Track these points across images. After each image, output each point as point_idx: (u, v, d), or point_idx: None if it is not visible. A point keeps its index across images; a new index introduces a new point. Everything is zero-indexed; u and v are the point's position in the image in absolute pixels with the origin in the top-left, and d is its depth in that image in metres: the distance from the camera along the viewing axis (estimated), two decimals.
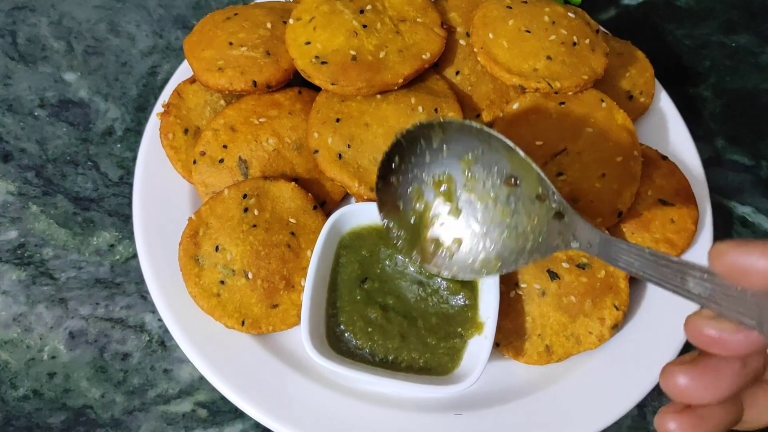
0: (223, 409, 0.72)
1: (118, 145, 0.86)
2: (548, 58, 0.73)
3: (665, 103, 0.85)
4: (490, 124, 0.76)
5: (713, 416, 0.42)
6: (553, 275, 0.69)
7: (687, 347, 0.71)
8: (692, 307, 0.70)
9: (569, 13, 0.77)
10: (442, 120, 0.56)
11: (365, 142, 0.72)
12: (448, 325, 0.68)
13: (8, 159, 0.85)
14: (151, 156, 0.78)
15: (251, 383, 0.67)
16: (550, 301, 0.68)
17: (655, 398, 0.73)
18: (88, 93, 0.90)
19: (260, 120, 0.75)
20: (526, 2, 0.78)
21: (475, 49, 0.76)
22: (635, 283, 0.72)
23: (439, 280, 0.69)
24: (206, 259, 0.70)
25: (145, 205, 0.75)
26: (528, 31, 0.75)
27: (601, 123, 0.73)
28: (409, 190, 0.61)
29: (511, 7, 0.77)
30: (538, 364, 0.69)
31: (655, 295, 0.73)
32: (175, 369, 0.74)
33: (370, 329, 0.67)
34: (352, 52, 0.72)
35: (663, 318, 0.71)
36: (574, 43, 0.75)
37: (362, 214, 0.71)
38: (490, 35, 0.75)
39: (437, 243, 0.60)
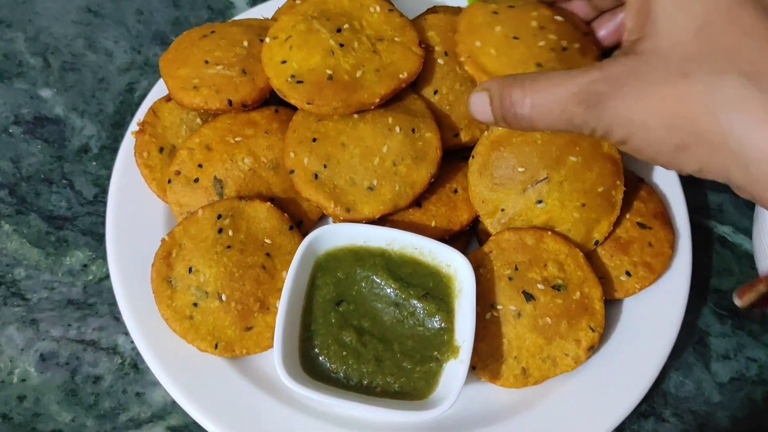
0: None
1: (94, 163, 0.85)
2: (538, 65, 0.71)
3: None
4: (471, 146, 0.75)
5: None
6: (529, 296, 0.68)
7: (664, 369, 0.71)
8: (669, 328, 0.70)
9: (556, 17, 0.75)
10: None
11: (342, 162, 0.72)
12: (424, 348, 0.67)
13: None
14: (126, 175, 0.77)
15: (224, 408, 0.66)
16: (526, 322, 0.68)
17: (634, 421, 0.73)
18: (64, 110, 0.89)
19: (236, 139, 0.74)
20: (512, 6, 0.75)
21: (461, 58, 0.73)
22: (610, 305, 0.72)
23: (415, 302, 0.68)
24: (179, 281, 0.69)
25: (118, 224, 0.74)
26: (516, 38, 0.72)
27: (586, 151, 0.72)
28: None
29: (497, 13, 0.74)
30: (515, 387, 0.68)
31: (630, 317, 0.72)
32: (148, 392, 0.72)
33: (344, 353, 0.66)
34: (329, 72, 0.71)
35: (639, 339, 0.71)
36: (564, 48, 0.72)
37: (338, 235, 0.70)
38: (477, 43, 0.72)
39: None
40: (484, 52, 0.72)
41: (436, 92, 0.77)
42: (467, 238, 0.77)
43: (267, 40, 0.75)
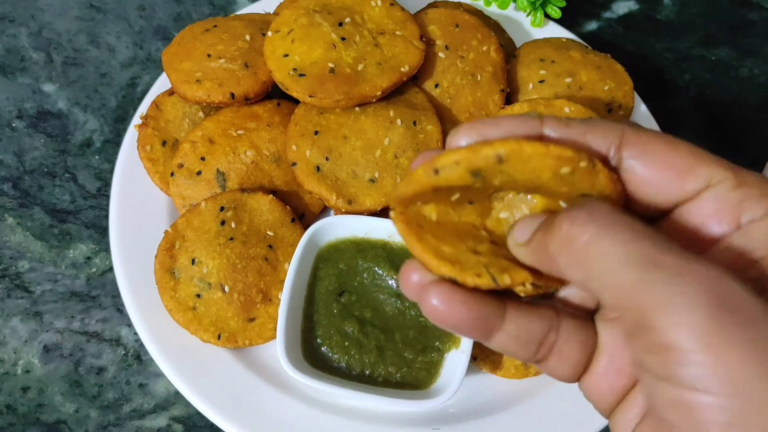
0: (198, 424, 0.71)
1: (96, 157, 0.86)
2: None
3: (645, 116, 0.85)
4: None
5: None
6: None
7: None
8: None
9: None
10: None
11: (343, 154, 0.72)
12: (425, 338, 0.67)
13: None
14: (129, 168, 0.77)
15: (227, 398, 0.67)
16: None
17: None
18: (67, 104, 0.90)
19: (238, 132, 0.75)
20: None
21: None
22: None
23: None
24: (182, 273, 0.69)
25: (121, 217, 0.75)
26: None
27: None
28: None
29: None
30: (516, 378, 0.68)
31: None
32: (151, 383, 0.73)
33: (346, 343, 0.67)
34: (331, 65, 0.72)
35: None
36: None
37: (340, 226, 0.70)
38: None
39: None
40: None
41: (437, 85, 0.77)
42: None
43: (269, 33, 0.75)
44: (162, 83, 0.82)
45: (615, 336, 0.37)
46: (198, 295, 0.69)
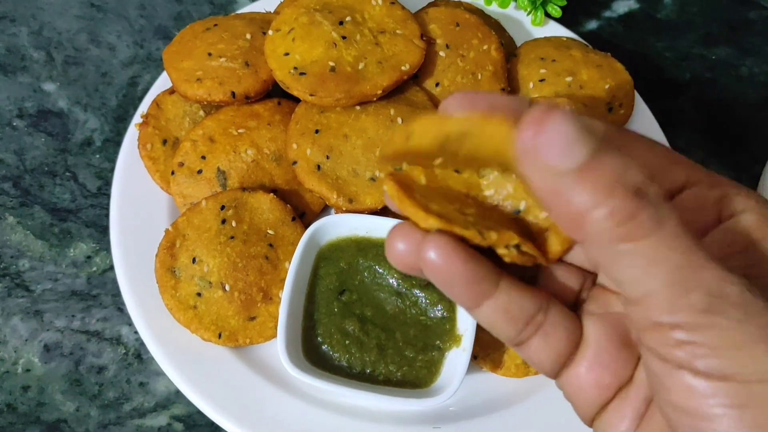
0: (199, 423, 0.71)
1: (97, 156, 0.86)
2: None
3: (645, 115, 0.85)
4: None
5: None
6: None
7: None
8: None
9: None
10: None
11: (344, 153, 0.72)
12: (426, 337, 0.67)
13: None
14: (129, 167, 0.77)
15: (228, 397, 0.67)
16: None
17: None
18: (68, 103, 0.90)
19: (239, 131, 0.75)
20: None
21: None
22: None
23: (417, 291, 0.68)
24: (183, 271, 0.69)
25: (122, 216, 0.75)
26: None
27: None
28: None
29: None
30: (516, 377, 0.68)
31: None
32: (151, 382, 0.73)
33: (347, 342, 0.67)
34: (331, 63, 0.72)
35: None
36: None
37: (341, 225, 0.70)
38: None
39: None
40: None
41: (437, 84, 0.77)
42: None
43: (270, 32, 0.75)
44: (162, 82, 0.82)
45: (602, 332, 0.37)
46: (198, 294, 0.69)
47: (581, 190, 0.28)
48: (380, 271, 0.69)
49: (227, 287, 0.69)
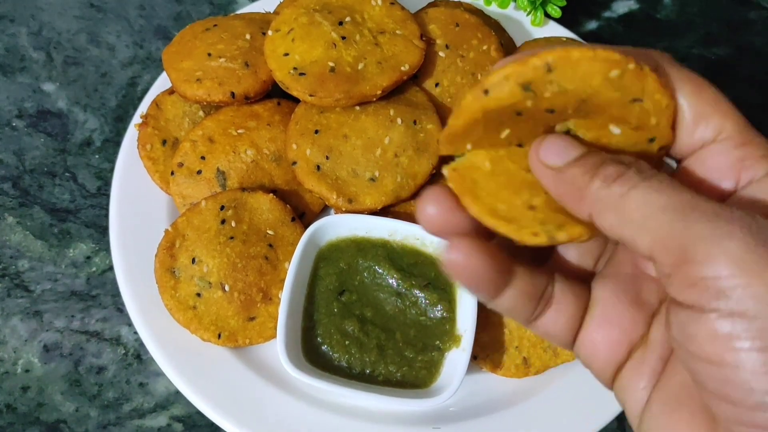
0: (199, 423, 0.71)
1: (96, 156, 0.86)
2: None
3: None
4: None
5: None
6: None
7: None
8: None
9: None
10: None
11: (344, 153, 0.72)
12: (426, 337, 0.67)
13: None
14: (129, 167, 0.77)
15: (227, 397, 0.66)
16: None
17: None
18: (67, 103, 0.90)
19: (239, 131, 0.75)
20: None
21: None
22: None
23: (417, 291, 0.68)
24: (182, 272, 0.69)
25: (121, 216, 0.75)
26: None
27: None
28: None
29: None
30: (516, 377, 0.68)
31: None
32: (151, 382, 0.73)
33: (347, 342, 0.67)
34: (331, 64, 0.72)
35: None
36: None
37: (341, 225, 0.70)
38: None
39: None
40: None
41: (437, 85, 0.77)
42: None
43: (269, 32, 0.75)
44: (162, 82, 0.82)
45: (610, 292, 0.38)
46: (198, 294, 0.69)
47: (576, 172, 0.34)
48: (380, 271, 0.69)
49: (227, 287, 0.69)
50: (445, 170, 0.37)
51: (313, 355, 0.67)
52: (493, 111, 0.35)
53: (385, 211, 0.73)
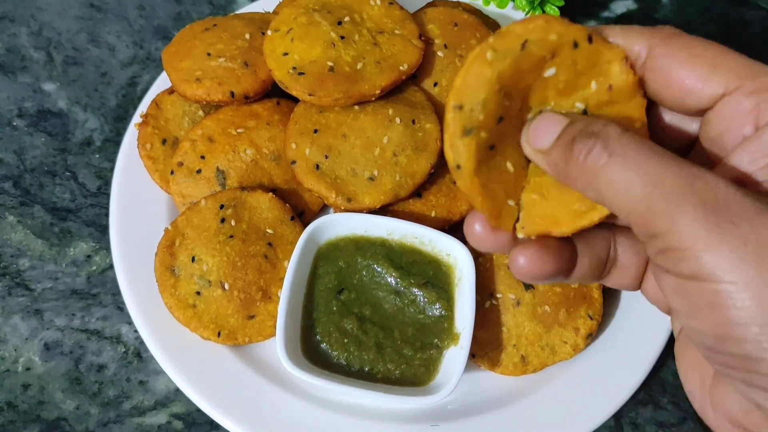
0: (198, 421, 0.71)
1: (97, 156, 0.86)
2: None
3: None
4: None
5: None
6: (528, 285, 0.69)
7: (662, 356, 0.72)
8: (667, 316, 0.71)
9: None
10: None
11: (343, 153, 0.72)
12: (424, 335, 0.68)
13: None
14: (129, 166, 0.78)
15: (227, 395, 0.67)
16: (525, 311, 0.69)
17: (632, 409, 0.73)
18: (67, 103, 0.90)
19: (238, 131, 0.75)
20: None
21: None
22: (609, 293, 0.73)
23: (416, 290, 0.69)
24: (182, 270, 0.70)
25: (121, 215, 0.75)
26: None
27: None
28: None
29: None
30: (514, 375, 0.69)
31: (629, 305, 0.73)
32: (151, 380, 0.73)
33: (346, 340, 0.67)
34: (330, 63, 0.72)
35: (637, 327, 0.71)
36: None
37: (340, 224, 0.71)
38: None
39: None
40: None
41: (435, 84, 0.78)
42: None
43: (269, 32, 0.76)
44: (162, 82, 0.83)
45: None
46: (198, 293, 0.69)
47: (556, 154, 0.39)
48: (378, 269, 0.70)
49: (226, 286, 0.69)
50: (521, 234, 0.42)
51: (312, 353, 0.67)
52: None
53: (383, 210, 0.73)
